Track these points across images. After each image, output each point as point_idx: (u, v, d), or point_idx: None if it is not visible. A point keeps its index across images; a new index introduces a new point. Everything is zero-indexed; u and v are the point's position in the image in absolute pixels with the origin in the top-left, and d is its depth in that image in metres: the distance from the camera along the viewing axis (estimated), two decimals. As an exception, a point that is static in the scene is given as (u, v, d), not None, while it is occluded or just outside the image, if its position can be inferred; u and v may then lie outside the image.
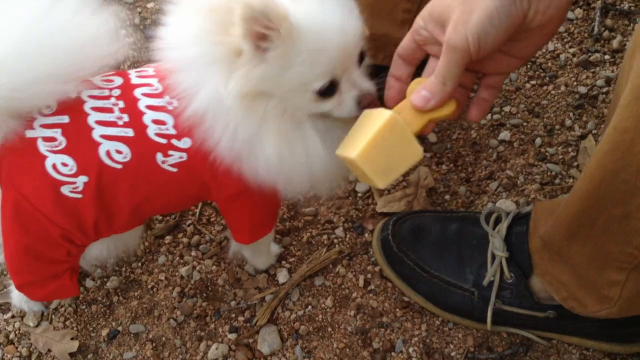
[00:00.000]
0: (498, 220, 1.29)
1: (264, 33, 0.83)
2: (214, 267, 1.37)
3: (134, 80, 1.01)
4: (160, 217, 1.44)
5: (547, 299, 1.21)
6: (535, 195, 1.46)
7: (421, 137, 1.54)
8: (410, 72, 0.96)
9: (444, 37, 0.85)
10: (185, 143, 0.97)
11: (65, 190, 0.96)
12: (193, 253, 1.39)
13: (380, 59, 1.29)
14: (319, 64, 0.88)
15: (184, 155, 0.98)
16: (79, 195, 0.97)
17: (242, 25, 0.82)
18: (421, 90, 0.89)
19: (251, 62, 0.86)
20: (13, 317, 1.31)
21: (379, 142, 0.86)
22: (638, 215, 0.94)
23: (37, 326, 1.30)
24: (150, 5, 1.81)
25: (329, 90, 0.92)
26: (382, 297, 1.34)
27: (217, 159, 0.94)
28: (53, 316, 1.31)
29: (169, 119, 0.97)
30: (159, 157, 0.98)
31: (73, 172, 0.96)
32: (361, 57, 0.96)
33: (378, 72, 0.99)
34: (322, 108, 0.94)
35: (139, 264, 1.38)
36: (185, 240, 1.41)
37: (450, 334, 1.29)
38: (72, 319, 1.31)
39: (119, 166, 0.97)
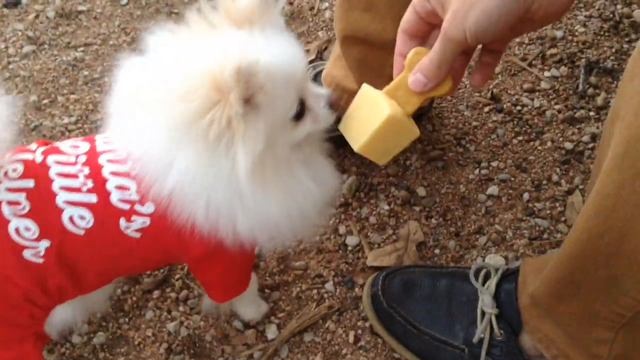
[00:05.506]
0: (487, 276, 1.29)
1: (253, 92, 0.84)
2: (202, 323, 1.36)
3: (100, 146, 1.02)
4: (148, 272, 1.43)
5: (538, 356, 1.20)
6: (524, 250, 1.47)
7: (410, 190, 1.56)
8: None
9: (443, 24, 0.83)
10: (148, 208, 0.97)
11: (27, 254, 0.96)
12: (181, 308, 1.38)
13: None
14: (291, 92, 0.92)
15: (147, 221, 0.98)
16: (41, 260, 0.97)
17: (237, 89, 0.82)
18: (416, 73, 0.89)
19: (250, 124, 0.86)
20: (-4, 374, 1.29)
21: (379, 135, 0.92)
22: (623, 277, 0.95)
23: (20, 384, 1.27)
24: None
25: (301, 111, 0.95)
26: (373, 353, 1.32)
27: (184, 223, 0.92)
28: (37, 373, 1.28)
29: (132, 184, 0.97)
30: (122, 222, 0.98)
31: (35, 236, 0.96)
32: None
33: None
34: (303, 131, 0.96)
35: (126, 319, 1.36)
36: (173, 295, 1.40)
37: (441, 393, 1.27)
38: (56, 376, 1.28)
39: (82, 232, 0.97)
